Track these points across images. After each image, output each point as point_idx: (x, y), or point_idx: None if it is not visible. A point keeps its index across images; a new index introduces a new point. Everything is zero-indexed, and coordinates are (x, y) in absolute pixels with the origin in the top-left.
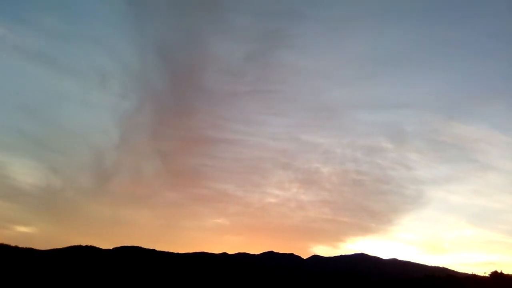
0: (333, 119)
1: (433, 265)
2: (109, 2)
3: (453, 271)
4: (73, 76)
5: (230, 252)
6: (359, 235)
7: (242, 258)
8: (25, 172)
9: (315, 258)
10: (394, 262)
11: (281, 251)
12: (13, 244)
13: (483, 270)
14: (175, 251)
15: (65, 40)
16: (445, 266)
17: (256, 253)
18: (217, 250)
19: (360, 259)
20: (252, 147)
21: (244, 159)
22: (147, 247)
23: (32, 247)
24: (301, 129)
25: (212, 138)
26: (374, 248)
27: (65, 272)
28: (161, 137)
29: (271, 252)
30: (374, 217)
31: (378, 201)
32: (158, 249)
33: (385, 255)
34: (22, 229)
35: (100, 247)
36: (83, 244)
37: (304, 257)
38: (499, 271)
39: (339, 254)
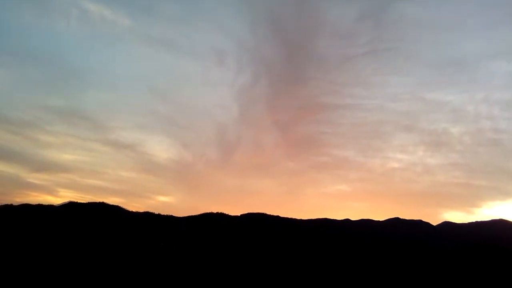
0: (463, 74)
1: None
2: None
3: None
4: (194, 57)
5: (353, 219)
6: (498, 199)
7: (366, 224)
8: (161, 148)
9: (447, 225)
10: None
11: (407, 218)
12: (156, 212)
13: None
14: (298, 218)
15: (183, 24)
16: None
17: (380, 220)
18: (339, 217)
19: (500, 225)
20: (371, 111)
21: (364, 123)
22: (271, 214)
23: (172, 214)
24: (425, 88)
25: (329, 105)
26: None
27: (201, 236)
28: (277, 107)
29: (397, 219)
30: None
31: None
32: (281, 215)
33: None
34: (162, 198)
35: (229, 214)
36: (214, 211)
37: (434, 223)
38: None
39: (474, 221)
